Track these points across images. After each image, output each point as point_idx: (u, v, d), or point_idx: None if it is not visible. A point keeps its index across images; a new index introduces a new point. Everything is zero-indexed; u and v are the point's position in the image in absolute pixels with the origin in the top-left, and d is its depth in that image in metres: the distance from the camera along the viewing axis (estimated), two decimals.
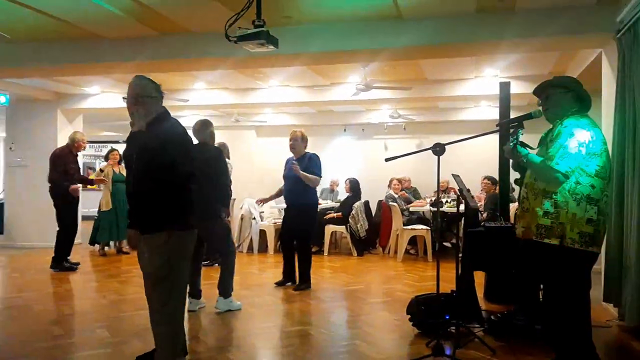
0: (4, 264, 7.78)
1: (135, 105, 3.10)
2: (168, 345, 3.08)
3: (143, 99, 3.09)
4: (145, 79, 3.19)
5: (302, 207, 5.86)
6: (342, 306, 5.43)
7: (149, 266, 3.07)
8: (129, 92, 3.13)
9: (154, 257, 3.03)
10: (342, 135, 12.72)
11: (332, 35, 5.54)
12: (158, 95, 3.18)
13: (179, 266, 3.11)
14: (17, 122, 9.67)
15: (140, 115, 3.09)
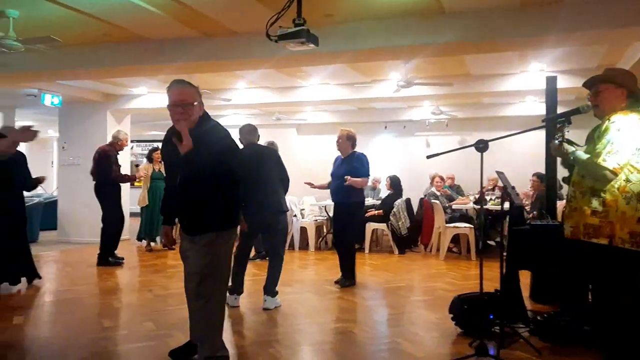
0: (58, 258, 8.12)
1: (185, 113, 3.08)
2: (210, 342, 3.16)
3: (192, 106, 3.10)
4: (187, 85, 3.17)
5: (349, 205, 5.85)
6: (383, 304, 5.42)
7: (196, 265, 3.13)
8: (174, 98, 3.11)
9: (201, 257, 3.10)
10: (383, 133, 12.65)
11: (373, 33, 5.52)
12: (201, 99, 3.24)
13: (223, 263, 3.19)
14: (69, 122, 10.09)
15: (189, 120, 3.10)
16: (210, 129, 3.15)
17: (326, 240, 9.27)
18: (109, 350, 3.74)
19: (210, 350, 3.15)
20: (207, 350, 3.15)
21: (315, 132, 12.71)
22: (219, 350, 3.19)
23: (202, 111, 3.18)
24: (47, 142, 17.35)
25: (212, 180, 3.06)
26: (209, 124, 3.18)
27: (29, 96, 9.27)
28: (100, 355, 3.63)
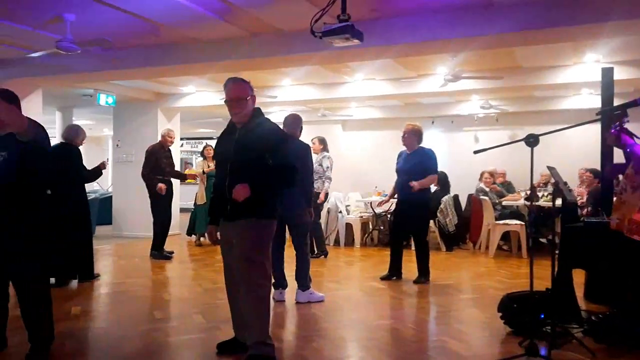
0: (112, 252, 8.44)
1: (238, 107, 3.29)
2: (259, 328, 3.22)
3: (244, 100, 3.29)
4: (239, 80, 3.37)
5: (415, 201, 5.75)
6: (430, 301, 5.35)
7: (239, 248, 3.23)
8: (229, 94, 3.32)
9: (243, 240, 3.21)
10: (430, 128, 12.41)
11: (420, 27, 5.43)
12: (253, 93, 3.38)
13: (264, 250, 3.27)
14: (122, 121, 10.46)
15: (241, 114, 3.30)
16: (262, 121, 3.35)
17: (372, 237, 9.24)
18: (160, 341, 3.85)
19: (259, 335, 3.21)
20: (255, 335, 3.22)
21: (361, 128, 12.66)
22: (267, 337, 3.25)
23: (254, 104, 3.38)
24: (103, 140, 18.04)
25: (258, 169, 3.17)
26: (261, 117, 3.38)
27: (85, 96, 9.67)
28: (152, 346, 3.75)
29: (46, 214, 3.52)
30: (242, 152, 3.24)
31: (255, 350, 3.19)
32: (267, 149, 3.22)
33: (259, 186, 3.18)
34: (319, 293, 5.03)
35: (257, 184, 3.17)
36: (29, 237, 3.31)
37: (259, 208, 3.22)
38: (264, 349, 3.20)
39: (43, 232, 3.43)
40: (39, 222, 3.40)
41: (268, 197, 3.28)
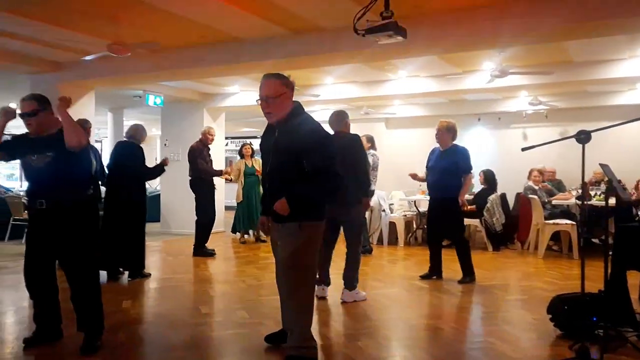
0: (161, 248, 8.67)
1: (269, 107, 3.18)
2: (299, 331, 3.22)
3: (273, 99, 3.16)
4: (272, 78, 3.22)
5: (447, 200, 5.64)
6: (475, 302, 5.25)
7: (281, 254, 3.23)
8: (260, 92, 3.20)
9: (287, 245, 3.18)
10: (476, 125, 12.20)
11: (466, 22, 5.31)
12: (288, 90, 3.23)
13: (308, 254, 3.23)
14: (170, 121, 10.74)
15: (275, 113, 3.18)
16: (301, 122, 3.19)
17: (416, 236, 9.13)
18: (206, 335, 3.94)
19: (299, 340, 3.21)
20: (295, 339, 3.22)
21: (405, 126, 12.53)
22: (307, 341, 3.24)
23: (289, 102, 3.21)
24: (152, 140, 18.56)
25: (297, 170, 3.10)
26: (300, 116, 3.22)
27: (135, 97, 9.97)
28: (199, 340, 3.83)
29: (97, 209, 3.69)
30: (279, 156, 3.16)
31: (294, 352, 3.20)
32: (303, 153, 3.08)
33: (296, 196, 3.08)
34: (362, 292, 5.01)
35: (294, 193, 3.08)
36: (83, 231, 3.50)
37: (304, 211, 3.13)
38: (304, 351, 3.20)
39: (96, 226, 3.60)
40: (92, 217, 3.59)
41: (312, 199, 3.18)
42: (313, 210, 3.21)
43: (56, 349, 3.59)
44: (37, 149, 3.45)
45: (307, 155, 3.08)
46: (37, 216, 3.52)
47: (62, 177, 3.43)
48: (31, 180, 3.55)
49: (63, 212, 3.45)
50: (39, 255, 3.54)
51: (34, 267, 3.55)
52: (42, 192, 3.46)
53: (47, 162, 3.41)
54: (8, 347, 3.68)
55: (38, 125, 3.49)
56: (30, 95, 3.56)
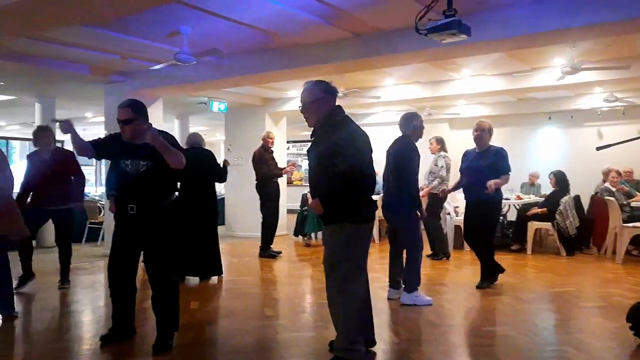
0: (225, 251, 8.86)
1: (306, 112, 3.30)
2: (344, 333, 3.20)
3: (309, 104, 3.27)
4: (310, 84, 3.32)
5: (484, 202, 5.42)
6: (547, 309, 5.01)
7: (325, 253, 3.30)
8: (300, 99, 3.34)
9: (328, 247, 3.28)
10: (546, 125, 11.70)
11: (534, 16, 5.08)
12: (326, 95, 3.28)
13: (349, 256, 3.21)
14: (233, 126, 10.99)
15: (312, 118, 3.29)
16: (336, 123, 3.23)
17: None
18: (270, 337, 3.98)
19: (344, 342, 3.20)
20: (341, 342, 3.21)
21: (470, 126, 12.03)
22: (353, 343, 3.20)
23: (325, 106, 3.26)
24: (216, 145, 19.09)
25: (331, 174, 3.12)
26: (336, 118, 3.26)
27: (200, 104, 10.28)
28: (264, 342, 3.88)
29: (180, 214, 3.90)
30: (313, 156, 3.27)
31: (341, 353, 3.19)
32: (335, 154, 3.12)
33: (328, 195, 3.14)
34: (426, 297, 4.90)
35: (326, 192, 3.15)
36: (168, 235, 3.68)
37: (342, 214, 3.17)
38: (349, 354, 3.18)
39: (178, 231, 3.81)
40: (176, 222, 3.78)
41: (344, 201, 3.19)
42: (354, 212, 3.21)
43: (130, 346, 3.73)
44: (132, 155, 3.60)
45: (338, 155, 3.12)
46: (126, 220, 3.67)
47: (155, 185, 3.62)
48: (124, 185, 3.68)
49: (151, 217, 3.62)
50: (124, 256, 3.72)
51: (118, 267, 3.73)
52: (134, 198, 3.61)
53: (143, 171, 3.57)
54: (86, 344, 3.87)
55: (132, 133, 3.62)
56: (126, 102, 3.69)
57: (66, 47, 6.45)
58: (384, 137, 10.02)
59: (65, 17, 4.73)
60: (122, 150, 3.65)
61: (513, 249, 8.19)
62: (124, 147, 3.65)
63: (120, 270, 3.72)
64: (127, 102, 3.67)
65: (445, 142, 7.79)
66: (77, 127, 3.76)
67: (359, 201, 3.24)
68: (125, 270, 3.73)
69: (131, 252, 3.72)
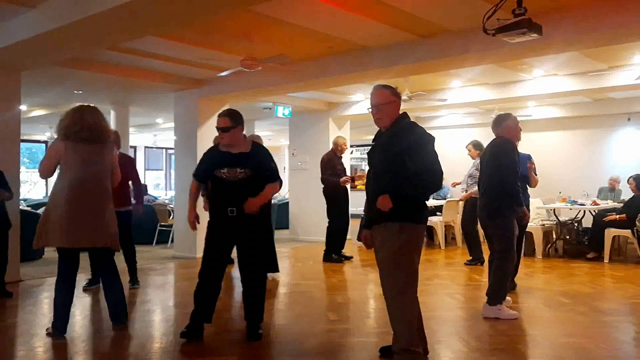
0: (290, 254, 8.97)
1: (379, 113, 3.35)
2: (404, 335, 3.15)
3: (383, 106, 3.32)
4: (381, 87, 3.40)
5: None
6: (627, 321, 4.71)
7: (380, 254, 3.22)
8: (371, 101, 3.39)
9: (386, 246, 3.17)
10: (625, 126, 11.03)
11: (611, 13, 4.82)
12: (397, 99, 3.37)
13: (408, 256, 3.17)
14: (297, 131, 11.11)
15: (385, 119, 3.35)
16: (404, 126, 3.30)
17: (556, 247, 8.47)
18: (334, 342, 3.97)
19: (405, 343, 3.14)
20: (401, 343, 3.15)
21: (541, 129, 11.67)
22: (412, 345, 3.15)
23: (398, 109, 3.36)
24: (280, 150, 19.38)
25: (397, 174, 3.12)
26: (405, 122, 3.33)
27: (265, 109, 10.47)
28: (328, 346, 3.88)
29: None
30: (384, 157, 3.26)
31: (400, 357, 3.16)
32: (406, 152, 3.15)
33: (399, 193, 3.12)
34: (511, 311, 4.61)
35: (396, 190, 3.12)
36: (260, 234, 4.03)
37: (402, 212, 3.13)
38: (409, 356, 3.13)
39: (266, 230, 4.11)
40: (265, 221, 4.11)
41: (413, 201, 3.19)
42: (414, 212, 3.20)
43: (198, 344, 3.84)
44: (229, 163, 3.87)
45: (410, 154, 3.15)
46: (225, 222, 3.90)
47: (252, 190, 3.88)
48: (223, 190, 3.92)
49: (248, 218, 3.87)
50: (220, 256, 3.99)
51: (213, 266, 3.97)
52: (234, 202, 3.85)
53: (241, 177, 3.85)
54: (157, 342, 4.02)
55: (230, 140, 3.92)
56: (225, 111, 3.98)
57: (139, 57, 6.77)
58: (451, 140, 9.78)
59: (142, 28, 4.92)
60: (218, 161, 3.93)
61: (589, 257, 7.77)
62: (220, 156, 3.95)
63: (215, 270, 3.97)
64: (227, 112, 3.99)
65: (484, 146, 7.46)
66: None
67: (424, 202, 3.29)
68: (219, 270, 3.98)
69: (225, 252, 4.02)
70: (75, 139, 3.95)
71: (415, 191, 3.18)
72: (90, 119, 4.02)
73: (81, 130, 3.95)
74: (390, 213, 3.13)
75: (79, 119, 3.97)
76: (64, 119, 4.02)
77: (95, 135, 4.02)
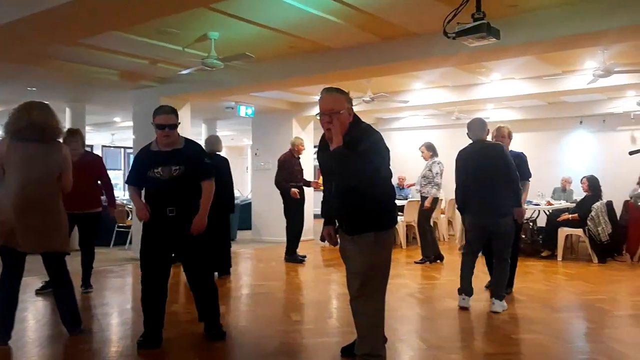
0: (252, 255, 8.91)
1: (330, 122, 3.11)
2: (371, 340, 3.17)
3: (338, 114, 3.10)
4: (335, 93, 3.20)
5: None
6: (578, 317, 4.89)
7: (356, 265, 3.16)
8: (322, 106, 3.17)
9: (362, 257, 3.12)
10: (577, 129, 11.44)
11: (566, 19, 4.98)
12: (351, 105, 3.22)
13: (384, 262, 3.19)
14: (260, 131, 11.05)
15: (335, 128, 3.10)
16: (361, 131, 3.13)
17: None
18: (297, 342, 3.97)
19: (369, 347, 3.16)
20: (366, 347, 3.17)
21: None
22: (378, 349, 3.18)
23: (351, 117, 3.17)
24: (243, 150, 19.25)
25: (363, 181, 3.05)
26: (359, 127, 3.17)
27: (228, 108, 10.37)
28: (290, 347, 3.88)
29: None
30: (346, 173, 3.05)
31: (367, 359, 3.15)
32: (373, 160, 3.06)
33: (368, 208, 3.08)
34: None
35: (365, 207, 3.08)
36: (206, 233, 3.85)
37: (375, 221, 3.12)
38: (373, 359, 3.15)
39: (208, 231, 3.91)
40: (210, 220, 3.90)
41: (378, 209, 3.14)
42: (386, 218, 3.21)
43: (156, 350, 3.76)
44: (163, 162, 3.74)
45: (377, 160, 3.08)
46: (164, 223, 3.76)
47: (189, 187, 3.77)
48: (158, 191, 3.77)
49: (189, 217, 3.74)
50: (160, 259, 3.82)
51: (153, 271, 3.81)
52: (172, 201, 3.73)
53: (176, 175, 3.71)
54: (114, 346, 3.93)
55: (175, 138, 3.82)
56: (168, 108, 3.84)
57: (96, 53, 6.58)
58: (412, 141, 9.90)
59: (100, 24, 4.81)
60: (152, 161, 3.78)
61: (543, 255, 8.03)
62: (153, 156, 3.80)
63: (158, 274, 3.81)
64: (169, 108, 3.84)
65: (435, 147, 7.70)
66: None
67: (393, 205, 3.29)
68: (162, 274, 3.83)
69: (166, 255, 3.85)
70: (21, 138, 3.74)
71: (386, 196, 3.19)
72: (38, 116, 3.79)
73: (27, 128, 3.73)
74: (360, 225, 3.11)
75: (25, 116, 3.75)
76: (11, 117, 3.80)
77: (43, 134, 3.80)
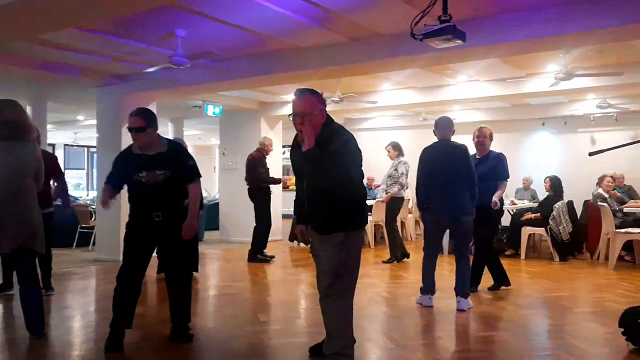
0: (220, 256, 8.83)
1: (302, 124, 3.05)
2: (341, 340, 3.20)
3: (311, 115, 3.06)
4: (308, 94, 3.14)
5: (485, 207, 5.26)
6: (541, 314, 5.02)
7: (326, 264, 3.18)
8: (295, 108, 3.12)
9: (332, 256, 3.14)
10: (540, 130, 11.75)
11: (529, 23, 5.09)
12: (324, 107, 3.18)
13: (354, 261, 3.22)
14: (228, 130, 10.95)
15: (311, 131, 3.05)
16: (332, 132, 3.12)
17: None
18: (264, 343, 3.95)
19: (338, 346, 3.18)
20: (334, 346, 3.19)
21: (465, 132, 12.03)
22: (347, 348, 3.21)
23: (324, 118, 3.15)
24: (210, 149, 19.04)
25: (334, 181, 3.05)
26: (331, 128, 3.16)
27: (195, 107, 10.24)
28: (258, 347, 3.86)
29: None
30: (320, 175, 3.07)
31: (336, 358, 3.18)
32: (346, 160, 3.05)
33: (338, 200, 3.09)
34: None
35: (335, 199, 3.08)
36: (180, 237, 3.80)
37: (346, 220, 3.14)
38: (342, 359, 3.18)
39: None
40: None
41: (349, 209, 3.16)
42: (357, 217, 3.23)
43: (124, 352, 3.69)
44: (146, 166, 3.68)
45: (349, 160, 3.08)
46: (149, 226, 3.73)
47: (175, 191, 3.75)
48: (142, 195, 3.72)
49: (174, 221, 3.74)
50: (141, 262, 3.80)
51: (133, 273, 3.78)
52: (158, 206, 3.71)
53: (161, 179, 3.66)
54: (77, 350, 3.83)
55: (145, 141, 3.71)
56: (138, 110, 3.76)
57: (58, 49, 6.41)
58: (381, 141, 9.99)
59: (62, 19, 4.70)
60: (135, 165, 3.72)
61: (507, 254, 8.21)
62: (137, 160, 3.73)
63: (135, 272, 3.79)
64: (139, 111, 3.76)
65: (402, 147, 7.81)
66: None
67: (364, 205, 3.31)
68: (139, 273, 3.81)
69: (148, 255, 3.84)
70: None
71: (357, 196, 3.20)
72: (9, 114, 3.75)
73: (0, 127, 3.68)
74: (331, 224, 3.12)
75: None
76: None
77: (14, 132, 3.74)
